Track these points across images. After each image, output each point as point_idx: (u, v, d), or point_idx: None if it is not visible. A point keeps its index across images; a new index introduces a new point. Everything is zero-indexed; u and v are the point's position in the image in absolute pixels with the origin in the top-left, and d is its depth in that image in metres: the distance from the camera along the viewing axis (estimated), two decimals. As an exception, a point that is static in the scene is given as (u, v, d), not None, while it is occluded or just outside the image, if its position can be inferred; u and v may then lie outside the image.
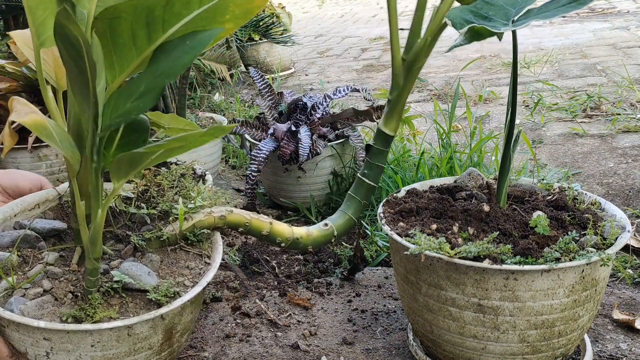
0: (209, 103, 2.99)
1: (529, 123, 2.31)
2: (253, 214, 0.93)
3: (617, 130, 2.09)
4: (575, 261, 0.76)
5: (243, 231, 0.92)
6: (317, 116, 1.62)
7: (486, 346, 0.82)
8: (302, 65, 4.30)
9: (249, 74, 1.79)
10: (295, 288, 1.24)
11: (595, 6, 5.21)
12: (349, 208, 1.03)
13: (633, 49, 3.39)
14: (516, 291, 0.77)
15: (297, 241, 0.97)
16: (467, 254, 0.78)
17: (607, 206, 0.93)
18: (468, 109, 1.79)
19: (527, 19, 0.80)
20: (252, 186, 1.55)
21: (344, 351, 1.02)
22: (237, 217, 0.90)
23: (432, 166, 1.66)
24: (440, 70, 3.55)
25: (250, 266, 1.36)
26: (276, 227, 0.94)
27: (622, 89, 2.53)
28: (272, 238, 0.95)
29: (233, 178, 2.06)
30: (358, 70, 3.86)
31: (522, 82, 2.89)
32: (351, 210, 1.03)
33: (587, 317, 0.84)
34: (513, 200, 0.98)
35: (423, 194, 1.03)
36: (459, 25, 0.82)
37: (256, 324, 1.11)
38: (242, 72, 3.93)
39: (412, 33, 0.98)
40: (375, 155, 1.00)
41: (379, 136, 1.00)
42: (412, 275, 0.87)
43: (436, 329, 0.86)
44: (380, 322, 1.10)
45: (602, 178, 1.70)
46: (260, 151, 1.54)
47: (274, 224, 0.94)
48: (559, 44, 3.82)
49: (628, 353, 0.97)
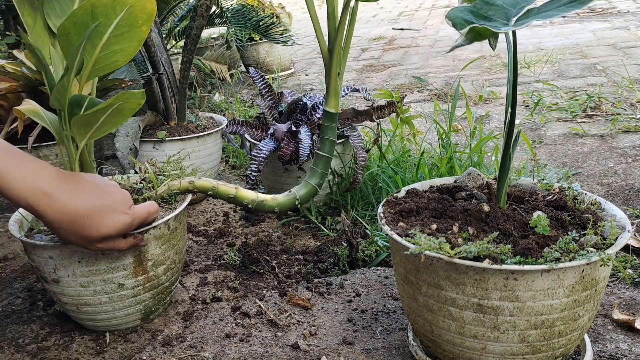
0: (209, 103, 2.99)
1: (529, 123, 2.31)
2: (221, 182, 1.15)
3: (617, 130, 2.09)
4: (575, 261, 0.76)
5: (212, 194, 1.14)
6: (317, 116, 1.62)
7: (486, 346, 0.82)
8: (302, 65, 4.30)
9: (249, 74, 1.79)
10: (295, 288, 1.24)
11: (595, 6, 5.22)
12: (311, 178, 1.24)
13: (633, 49, 3.39)
14: (516, 291, 0.77)
15: (262, 203, 1.14)
16: (467, 254, 0.78)
17: (607, 206, 0.93)
18: (468, 109, 1.79)
19: (527, 19, 0.80)
20: (252, 186, 1.55)
21: (344, 351, 1.02)
22: (204, 183, 1.15)
23: (432, 166, 1.66)
24: (440, 70, 3.55)
25: (250, 266, 1.36)
26: (241, 192, 1.14)
27: (622, 89, 2.53)
28: (238, 200, 1.13)
29: (233, 178, 2.06)
30: (358, 70, 3.86)
31: (522, 82, 2.89)
32: (313, 180, 1.23)
33: (587, 317, 0.84)
34: (513, 200, 0.98)
35: (423, 194, 1.04)
36: (460, 25, 0.82)
37: (256, 324, 1.11)
38: (242, 72, 3.93)
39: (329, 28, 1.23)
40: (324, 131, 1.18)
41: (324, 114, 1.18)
42: (412, 275, 0.87)
43: (436, 329, 0.86)
44: (380, 322, 1.10)
45: (602, 178, 1.70)
46: (260, 151, 1.54)
47: (240, 189, 1.13)
48: (559, 44, 3.82)
49: (628, 353, 0.97)
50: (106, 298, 1.05)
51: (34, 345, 1.08)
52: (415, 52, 4.33)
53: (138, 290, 1.06)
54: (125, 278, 1.04)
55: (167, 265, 1.09)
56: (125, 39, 0.92)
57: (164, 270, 1.09)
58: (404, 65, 3.87)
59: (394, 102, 1.67)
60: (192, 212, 1.71)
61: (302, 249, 1.44)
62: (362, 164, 1.54)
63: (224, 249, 1.45)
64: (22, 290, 1.28)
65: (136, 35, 0.92)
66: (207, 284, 1.28)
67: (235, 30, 2.64)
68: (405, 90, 3.13)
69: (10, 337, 1.11)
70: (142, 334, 1.10)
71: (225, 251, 1.44)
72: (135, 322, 1.12)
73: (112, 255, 1.00)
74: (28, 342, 1.09)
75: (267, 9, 3.72)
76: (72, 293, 1.04)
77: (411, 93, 3.06)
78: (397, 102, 1.67)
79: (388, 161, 1.72)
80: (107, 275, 1.02)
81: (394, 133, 1.82)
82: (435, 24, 5.68)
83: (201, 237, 1.53)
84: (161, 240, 1.06)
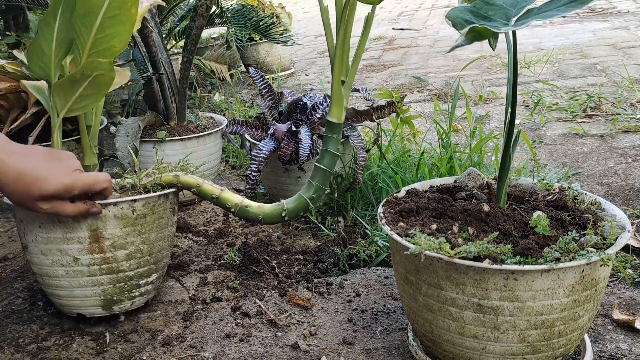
0: (209, 103, 2.99)
1: (529, 123, 2.31)
2: (207, 182, 1.15)
3: (617, 130, 2.09)
4: (575, 261, 0.76)
5: (195, 192, 1.14)
6: (317, 116, 1.62)
7: (486, 346, 0.82)
8: (302, 65, 4.30)
9: (249, 74, 1.78)
10: (295, 288, 1.24)
11: (595, 6, 5.22)
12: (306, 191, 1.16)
13: (633, 49, 3.39)
14: (516, 291, 0.77)
15: (245, 209, 1.11)
16: (467, 254, 0.78)
17: (607, 206, 0.93)
18: (468, 109, 1.79)
19: (527, 19, 0.80)
20: (252, 186, 1.55)
21: (344, 351, 1.02)
22: (189, 179, 1.15)
23: (432, 166, 1.66)
24: (440, 70, 3.55)
25: (250, 266, 1.36)
26: (226, 194, 1.12)
27: (622, 89, 2.53)
28: (221, 202, 1.11)
29: (233, 178, 2.06)
30: (358, 70, 3.86)
31: (522, 82, 2.89)
32: (307, 193, 1.15)
33: (587, 317, 0.84)
34: (513, 200, 0.98)
35: (423, 194, 1.04)
36: (460, 25, 0.82)
37: (256, 324, 1.11)
38: (242, 72, 3.93)
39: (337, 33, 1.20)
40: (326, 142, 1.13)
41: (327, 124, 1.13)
42: (412, 275, 0.87)
43: (436, 329, 0.86)
44: (380, 322, 1.10)
45: (602, 178, 1.70)
46: (260, 151, 1.54)
47: (224, 191, 1.13)
48: (559, 44, 3.82)
49: (628, 353, 0.97)
50: (63, 271, 1.06)
51: (34, 345, 1.08)
52: (415, 52, 4.33)
53: (94, 270, 1.06)
54: (80, 252, 1.04)
55: (129, 252, 1.08)
56: (117, 22, 0.98)
57: (126, 257, 1.08)
58: (404, 65, 3.87)
59: (394, 102, 1.67)
60: (192, 212, 1.71)
61: (302, 249, 1.45)
62: (362, 164, 1.54)
63: (224, 249, 1.45)
64: (22, 290, 1.28)
65: (127, 18, 0.98)
66: (207, 284, 1.28)
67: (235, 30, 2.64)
68: (405, 90, 3.13)
69: (10, 337, 1.11)
70: (142, 334, 1.10)
71: (225, 251, 1.44)
72: (97, 309, 1.10)
73: (68, 225, 1.02)
74: (28, 342, 1.09)
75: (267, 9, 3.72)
76: (36, 261, 1.08)
77: (411, 93, 3.06)
78: (397, 102, 1.67)
79: (388, 161, 1.71)
80: (63, 245, 1.04)
81: (394, 133, 1.82)
82: (435, 24, 5.69)
83: (201, 237, 1.53)
84: (122, 221, 1.06)
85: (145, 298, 1.16)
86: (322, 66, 4.18)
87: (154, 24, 1.69)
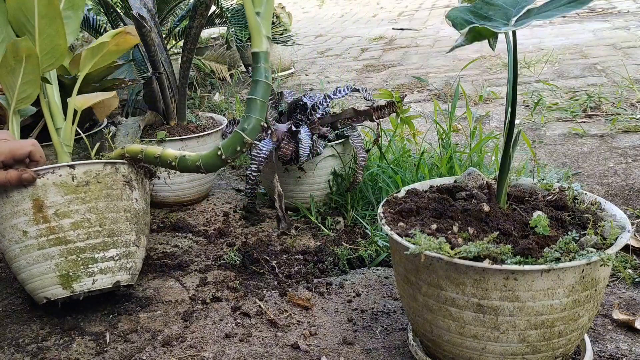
0: (209, 103, 2.99)
1: (529, 123, 2.31)
2: (149, 146, 1.17)
3: (617, 130, 2.09)
4: (575, 261, 0.76)
5: (141, 158, 1.16)
6: (317, 116, 1.62)
7: (486, 346, 0.82)
8: (302, 65, 4.30)
9: (249, 74, 1.78)
10: (295, 288, 1.24)
11: (595, 6, 5.22)
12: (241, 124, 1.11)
13: (633, 49, 3.39)
14: (516, 291, 0.77)
15: (184, 158, 1.12)
16: (467, 254, 0.78)
17: (607, 206, 0.93)
18: (468, 109, 1.79)
19: (527, 19, 0.80)
20: (252, 186, 1.55)
21: (344, 351, 1.02)
22: (133, 148, 1.17)
23: (432, 166, 1.66)
24: (440, 70, 3.55)
25: (250, 266, 1.36)
26: (167, 151, 1.15)
27: (622, 89, 2.53)
28: (164, 160, 1.14)
29: (233, 178, 2.06)
30: (358, 70, 3.86)
31: (522, 82, 2.89)
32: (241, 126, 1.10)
33: (587, 317, 0.84)
34: (513, 200, 0.98)
35: (423, 194, 1.03)
36: (460, 25, 0.82)
37: (256, 324, 1.11)
38: (242, 72, 3.93)
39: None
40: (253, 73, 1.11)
41: (252, 56, 1.11)
42: (412, 275, 0.87)
43: (436, 329, 0.86)
44: (380, 322, 1.10)
45: (602, 178, 1.70)
46: (260, 151, 1.54)
47: (165, 150, 1.16)
48: (559, 44, 3.82)
49: (628, 353, 0.97)
50: (18, 249, 1.07)
51: (34, 345, 1.08)
52: (415, 52, 4.33)
53: (42, 242, 1.06)
54: (27, 224, 1.05)
55: (75, 221, 1.07)
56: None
57: (72, 226, 1.07)
58: (404, 65, 3.87)
59: (394, 102, 1.67)
60: (192, 212, 1.71)
61: (302, 249, 1.45)
62: (362, 164, 1.54)
63: (224, 249, 1.45)
64: (22, 290, 1.28)
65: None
66: (207, 284, 1.28)
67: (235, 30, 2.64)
68: (405, 90, 3.13)
69: (10, 337, 1.11)
70: (142, 334, 1.10)
71: (225, 251, 1.44)
72: (57, 289, 1.08)
73: (14, 199, 1.05)
74: (28, 342, 1.09)
75: (267, 9, 3.71)
76: (2, 247, 1.10)
77: (411, 93, 3.06)
78: (397, 102, 1.67)
79: (388, 161, 1.71)
80: (13, 220, 1.06)
81: (394, 133, 1.82)
82: (435, 24, 5.69)
83: (201, 237, 1.54)
84: (63, 188, 1.06)
85: (109, 278, 1.11)
86: (322, 66, 4.18)
87: (153, 24, 1.69)
